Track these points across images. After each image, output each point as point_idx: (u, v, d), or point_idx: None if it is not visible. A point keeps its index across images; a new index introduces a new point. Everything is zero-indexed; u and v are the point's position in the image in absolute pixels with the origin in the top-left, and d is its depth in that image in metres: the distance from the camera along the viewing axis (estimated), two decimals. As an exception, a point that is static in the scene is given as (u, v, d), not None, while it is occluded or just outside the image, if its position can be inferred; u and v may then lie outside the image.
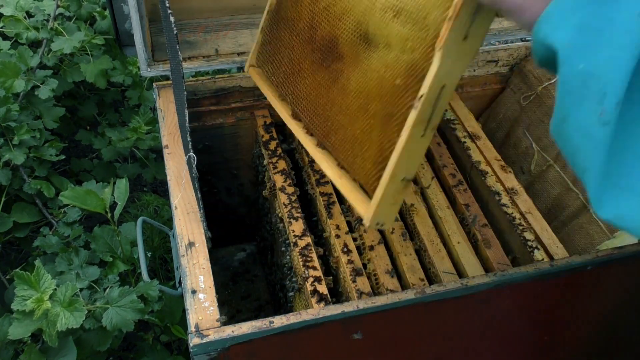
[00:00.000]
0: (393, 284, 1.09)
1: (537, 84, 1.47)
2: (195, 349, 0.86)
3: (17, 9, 1.75)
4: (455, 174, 1.28)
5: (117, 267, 1.39)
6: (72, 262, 1.35)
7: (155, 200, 1.93)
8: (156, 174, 1.94)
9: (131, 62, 1.88)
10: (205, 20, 1.43)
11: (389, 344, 1.03)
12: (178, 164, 1.16)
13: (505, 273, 1.00)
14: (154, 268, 1.79)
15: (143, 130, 1.81)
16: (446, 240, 1.17)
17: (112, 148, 1.90)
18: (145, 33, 1.25)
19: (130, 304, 1.18)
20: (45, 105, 1.72)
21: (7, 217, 1.60)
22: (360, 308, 0.92)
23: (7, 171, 1.57)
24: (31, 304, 1.10)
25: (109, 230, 1.44)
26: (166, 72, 1.31)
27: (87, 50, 1.80)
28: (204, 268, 0.98)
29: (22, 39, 1.73)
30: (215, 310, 0.91)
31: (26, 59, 1.65)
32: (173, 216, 1.08)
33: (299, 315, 0.90)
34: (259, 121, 1.36)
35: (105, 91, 2.03)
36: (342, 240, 1.14)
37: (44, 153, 1.65)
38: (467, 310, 1.04)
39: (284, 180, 1.23)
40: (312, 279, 1.07)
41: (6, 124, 1.56)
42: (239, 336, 0.87)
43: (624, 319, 1.24)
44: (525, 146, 1.49)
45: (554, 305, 1.11)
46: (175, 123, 1.24)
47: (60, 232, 1.54)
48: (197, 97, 1.34)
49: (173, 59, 1.05)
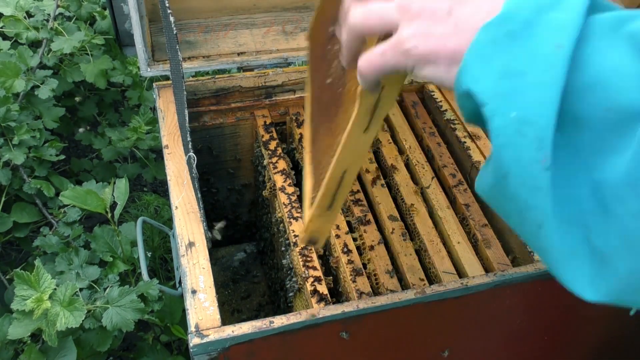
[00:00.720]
0: (393, 284, 1.09)
1: (537, 84, 1.47)
2: (195, 349, 0.86)
3: (17, 9, 1.75)
4: (455, 174, 1.28)
5: (117, 267, 1.39)
6: (72, 262, 1.35)
7: (155, 200, 1.93)
8: (156, 174, 1.94)
9: (131, 62, 1.88)
10: (205, 20, 1.43)
11: (388, 344, 1.03)
12: (178, 164, 1.16)
13: (505, 273, 1.00)
14: (154, 268, 1.79)
15: (143, 130, 1.81)
16: (446, 240, 1.17)
17: (112, 148, 1.90)
18: (145, 33, 1.25)
19: (130, 303, 1.18)
20: (45, 105, 1.72)
21: (7, 217, 1.60)
22: (360, 308, 0.92)
23: (7, 171, 1.57)
24: (31, 304, 1.10)
25: (109, 230, 1.44)
26: (166, 72, 1.31)
27: (87, 50, 1.80)
28: (204, 268, 0.98)
29: (22, 39, 1.73)
30: (215, 310, 0.91)
31: (26, 59, 1.65)
32: (173, 216, 1.08)
33: (299, 315, 0.90)
34: (259, 121, 1.36)
35: (105, 91, 2.03)
36: (342, 240, 1.14)
37: (44, 153, 1.65)
38: (467, 310, 1.04)
39: (284, 180, 1.23)
40: (312, 279, 1.07)
41: (6, 124, 1.56)
42: (239, 336, 0.87)
43: (625, 319, 1.24)
44: (525, 146, 1.49)
45: (554, 305, 1.11)
46: (175, 123, 1.24)
47: (60, 232, 1.54)
48: (197, 97, 1.34)
49: (173, 59, 1.05)
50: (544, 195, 0.47)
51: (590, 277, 0.49)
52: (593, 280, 0.49)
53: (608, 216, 0.47)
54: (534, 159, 0.46)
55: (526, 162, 0.47)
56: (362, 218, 1.16)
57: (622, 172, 0.45)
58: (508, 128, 0.47)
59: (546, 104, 0.46)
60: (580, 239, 0.49)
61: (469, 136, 1.34)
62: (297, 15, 1.52)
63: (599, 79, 0.45)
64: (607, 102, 0.45)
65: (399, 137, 1.33)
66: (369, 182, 1.23)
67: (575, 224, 0.48)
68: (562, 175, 0.48)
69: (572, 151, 0.48)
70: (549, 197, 0.47)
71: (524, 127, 0.47)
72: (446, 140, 1.36)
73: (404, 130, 1.34)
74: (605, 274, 0.48)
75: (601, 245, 0.48)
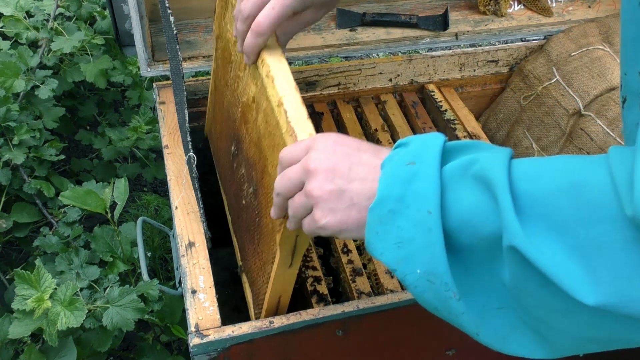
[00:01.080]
0: (393, 284, 1.09)
1: (537, 84, 1.47)
2: (195, 349, 0.86)
3: (17, 9, 1.75)
4: (455, 174, 1.28)
5: (117, 267, 1.39)
6: (72, 261, 1.35)
7: (155, 200, 1.93)
8: (156, 174, 1.94)
9: (131, 62, 1.88)
10: (205, 20, 1.43)
11: (389, 344, 1.03)
12: (178, 164, 1.16)
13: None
14: (154, 268, 1.79)
15: (143, 130, 1.81)
16: (446, 240, 1.17)
17: (112, 148, 1.90)
18: (145, 33, 1.25)
19: (131, 303, 1.18)
20: (45, 105, 1.72)
21: (7, 217, 1.60)
22: (360, 308, 0.92)
23: (7, 171, 1.57)
24: (31, 303, 1.10)
25: (109, 230, 1.44)
26: (166, 72, 1.31)
27: (87, 50, 1.80)
28: (204, 268, 0.98)
29: (22, 39, 1.73)
30: (215, 310, 0.91)
31: (26, 59, 1.65)
32: (173, 216, 1.08)
33: (299, 315, 0.90)
34: (259, 121, 1.36)
35: (105, 91, 2.03)
36: (342, 240, 1.14)
37: (44, 153, 1.65)
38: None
39: (284, 180, 1.23)
40: (311, 279, 1.07)
41: (6, 124, 1.56)
42: (239, 336, 0.87)
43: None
44: (526, 146, 1.49)
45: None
46: (175, 123, 1.24)
47: (60, 232, 1.54)
48: (197, 97, 1.34)
49: (173, 59, 1.05)
50: (467, 316, 0.58)
51: (537, 343, 0.58)
52: (540, 344, 0.58)
53: (521, 304, 0.57)
54: (447, 297, 0.58)
55: (443, 299, 0.58)
56: (362, 218, 1.15)
57: (508, 280, 0.56)
58: (419, 281, 0.59)
59: (437, 256, 0.57)
60: (514, 317, 0.58)
61: (469, 136, 1.34)
62: (297, 15, 1.51)
63: (464, 219, 0.56)
64: (477, 234, 0.56)
65: (398, 137, 1.33)
66: (369, 182, 1.23)
67: (506, 308, 0.59)
68: (478, 290, 0.59)
69: (476, 265, 0.59)
70: (471, 315, 0.58)
71: (430, 277, 0.58)
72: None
73: (404, 130, 1.34)
74: (549, 340, 0.57)
75: (530, 322, 0.58)
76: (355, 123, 1.37)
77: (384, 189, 0.60)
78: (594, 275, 0.49)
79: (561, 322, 0.54)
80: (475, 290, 0.59)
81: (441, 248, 0.57)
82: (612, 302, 0.48)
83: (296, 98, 0.75)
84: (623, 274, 0.48)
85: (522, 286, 0.55)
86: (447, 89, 1.47)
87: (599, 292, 0.49)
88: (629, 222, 0.47)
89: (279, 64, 0.81)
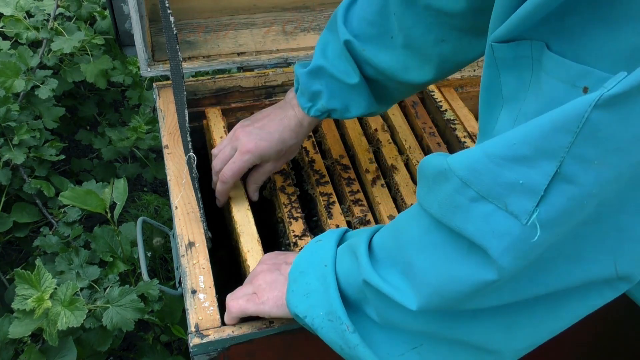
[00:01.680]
0: (393, 283, 1.09)
1: (536, 84, 1.47)
2: (195, 349, 0.87)
3: (17, 9, 1.75)
4: (455, 174, 1.28)
5: (117, 267, 1.39)
6: (72, 261, 1.35)
7: (155, 200, 1.93)
8: (156, 174, 1.94)
9: (131, 62, 1.88)
10: (205, 20, 1.43)
11: (388, 344, 1.03)
12: (178, 164, 1.16)
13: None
14: (154, 268, 1.79)
15: (143, 130, 1.81)
16: (446, 240, 1.17)
17: (112, 148, 1.90)
18: (145, 33, 1.25)
19: (131, 303, 1.18)
20: (45, 105, 1.72)
21: (7, 217, 1.60)
22: (360, 308, 0.92)
23: (7, 171, 1.57)
24: (32, 303, 1.10)
25: (109, 230, 1.44)
26: (166, 72, 1.31)
27: (87, 50, 1.80)
28: (204, 268, 0.98)
29: (22, 39, 1.73)
30: (215, 310, 0.92)
31: (26, 59, 1.65)
32: (173, 216, 1.08)
33: (299, 315, 0.90)
34: (259, 121, 1.36)
35: (105, 91, 2.03)
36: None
37: (44, 153, 1.65)
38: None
39: (284, 180, 1.23)
40: (312, 278, 1.07)
41: (6, 124, 1.56)
42: (239, 336, 0.88)
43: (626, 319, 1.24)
44: (525, 146, 1.49)
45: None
46: (175, 123, 1.24)
47: (60, 232, 1.54)
48: (197, 97, 1.34)
49: (173, 59, 1.05)
50: (362, 347, 0.72)
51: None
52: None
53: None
54: (342, 330, 0.73)
55: (340, 334, 0.73)
56: (362, 218, 1.16)
57: (374, 315, 0.74)
58: (323, 321, 0.75)
59: (332, 297, 0.74)
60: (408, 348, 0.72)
61: (468, 136, 1.34)
62: (297, 15, 1.52)
63: (345, 278, 0.75)
64: (354, 285, 0.74)
65: (398, 137, 1.33)
66: (368, 182, 1.23)
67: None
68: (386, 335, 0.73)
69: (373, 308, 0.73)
70: (365, 346, 0.72)
71: (330, 315, 0.74)
72: (446, 140, 1.36)
73: (403, 130, 1.35)
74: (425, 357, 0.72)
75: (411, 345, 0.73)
76: (355, 123, 1.37)
77: (297, 260, 0.82)
78: (415, 287, 0.65)
79: (416, 336, 0.71)
80: (390, 336, 0.74)
81: (334, 290, 0.74)
82: (432, 302, 0.64)
83: (257, 251, 1.03)
84: (428, 273, 0.64)
85: (382, 313, 0.71)
86: (447, 89, 1.47)
87: (419, 298, 0.65)
88: (423, 214, 0.65)
89: (245, 218, 1.10)
